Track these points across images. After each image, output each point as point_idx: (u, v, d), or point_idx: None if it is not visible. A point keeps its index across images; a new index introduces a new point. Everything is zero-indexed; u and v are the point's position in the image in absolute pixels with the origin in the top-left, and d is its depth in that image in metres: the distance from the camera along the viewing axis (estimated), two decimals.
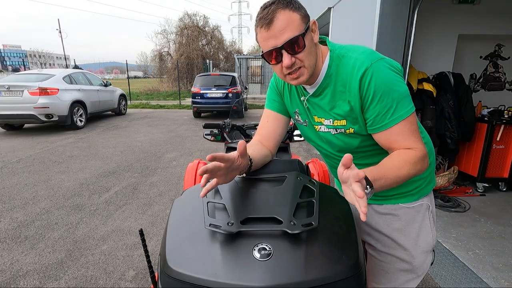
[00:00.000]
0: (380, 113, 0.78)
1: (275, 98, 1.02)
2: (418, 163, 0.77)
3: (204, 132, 1.83)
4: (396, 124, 0.78)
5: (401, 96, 0.77)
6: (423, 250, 0.96)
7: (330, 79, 0.84)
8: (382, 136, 0.82)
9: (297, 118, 1.00)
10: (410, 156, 0.77)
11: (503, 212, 2.76)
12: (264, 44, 0.77)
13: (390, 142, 0.81)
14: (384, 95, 0.77)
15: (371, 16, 2.53)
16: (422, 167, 0.79)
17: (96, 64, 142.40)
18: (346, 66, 0.80)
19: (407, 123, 0.78)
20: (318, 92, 0.87)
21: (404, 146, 0.80)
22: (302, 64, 0.78)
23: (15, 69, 72.98)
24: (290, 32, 0.73)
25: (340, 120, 0.86)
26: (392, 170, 0.75)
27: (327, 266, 0.54)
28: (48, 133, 6.75)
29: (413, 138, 0.80)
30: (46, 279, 1.96)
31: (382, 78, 0.76)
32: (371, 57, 0.78)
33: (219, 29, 26.15)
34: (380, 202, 0.98)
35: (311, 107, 0.92)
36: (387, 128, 0.79)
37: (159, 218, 2.79)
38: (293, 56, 0.76)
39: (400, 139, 0.79)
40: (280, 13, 0.72)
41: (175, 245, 0.61)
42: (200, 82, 9.24)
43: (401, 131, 0.79)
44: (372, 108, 0.79)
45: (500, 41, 3.64)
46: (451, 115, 3.04)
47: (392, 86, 0.77)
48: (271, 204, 0.66)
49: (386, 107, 0.77)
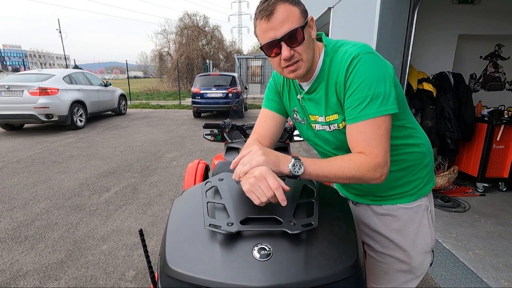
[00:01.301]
0: (352, 105, 0.76)
1: (273, 98, 1.02)
2: (365, 168, 0.73)
3: (204, 132, 1.84)
4: (361, 121, 0.75)
5: (377, 94, 0.74)
6: (421, 250, 0.96)
7: (324, 74, 0.84)
8: (349, 130, 0.79)
9: (295, 117, 1.00)
10: (360, 158, 0.74)
11: (503, 212, 2.76)
12: (264, 36, 0.76)
13: (351, 139, 0.79)
14: (361, 87, 0.74)
15: (371, 16, 2.52)
16: (372, 175, 0.74)
17: (96, 64, 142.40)
18: (338, 58, 0.80)
19: (373, 125, 0.74)
20: (313, 88, 0.87)
21: (361, 148, 0.75)
22: (300, 57, 0.78)
23: (15, 69, 73.03)
24: (290, 25, 0.73)
25: (332, 115, 0.85)
26: (331, 161, 0.75)
27: (327, 266, 0.54)
28: (48, 133, 6.75)
29: (374, 142, 0.74)
30: (46, 279, 1.96)
31: (364, 71, 0.74)
32: (362, 49, 0.77)
33: (219, 29, 26.19)
34: (378, 203, 0.98)
35: (306, 105, 0.92)
36: (353, 122, 0.77)
37: (159, 218, 2.79)
38: (292, 48, 0.76)
39: (360, 138, 0.76)
40: (280, 6, 0.73)
41: (175, 245, 0.61)
42: (200, 82, 9.25)
43: (364, 131, 0.75)
44: (347, 98, 0.78)
45: (500, 41, 3.64)
46: (451, 115, 3.04)
47: (371, 82, 0.74)
48: (271, 204, 0.66)
49: (358, 100, 0.75)
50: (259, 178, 0.65)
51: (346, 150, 0.84)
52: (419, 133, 0.95)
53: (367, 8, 2.70)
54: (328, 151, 0.97)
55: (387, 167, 0.75)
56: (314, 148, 1.04)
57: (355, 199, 1.05)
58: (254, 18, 0.78)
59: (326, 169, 0.73)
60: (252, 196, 0.65)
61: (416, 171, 0.94)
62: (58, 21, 28.38)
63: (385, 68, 0.77)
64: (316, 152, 1.06)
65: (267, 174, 0.65)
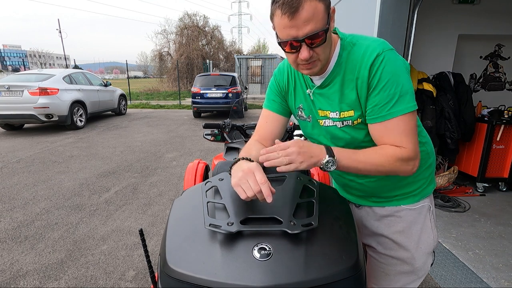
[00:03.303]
0: (379, 103, 0.76)
1: (275, 98, 0.99)
2: (399, 161, 0.75)
3: (204, 132, 1.83)
4: (392, 118, 0.75)
5: (405, 91, 0.75)
6: (424, 251, 0.95)
7: (340, 68, 0.81)
8: (376, 128, 0.79)
9: (300, 114, 0.97)
10: (392, 150, 0.75)
11: (503, 212, 2.76)
12: (283, 32, 0.71)
13: (381, 136, 0.78)
14: (388, 85, 0.74)
15: (371, 16, 2.52)
16: (405, 168, 0.76)
17: (96, 64, 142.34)
18: (357, 53, 0.78)
19: (404, 120, 0.75)
20: (327, 82, 0.84)
21: (393, 143, 0.76)
22: (318, 57, 0.76)
23: (15, 69, 73.01)
24: (314, 25, 0.69)
25: (348, 111, 0.83)
26: (364, 154, 0.75)
27: (327, 266, 0.54)
28: (48, 133, 6.75)
29: (406, 138, 0.76)
30: (46, 279, 1.96)
31: (390, 67, 0.74)
32: (384, 45, 0.76)
33: (219, 29, 26.16)
34: (381, 204, 0.97)
35: (316, 100, 0.89)
36: (383, 120, 0.76)
37: (159, 218, 2.79)
38: (312, 49, 0.73)
39: (392, 135, 0.76)
40: (306, 2, 0.67)
41: (175, 245, 0.61)
42: (200, 82, 9.25)
43: (396, 127, 0.76)
44: (374, 96, 0.76)
45: (500, 41, 3.64)
46: (451, 115, 3.04)
47: (399, 78, 0.74)
48: (271, 204, 0.66)
49: (387, 98, 0.75)
50: (247, 172, 0.66)
51: (355, 147, 0.83)
52: (423, 132, 0.94)
53: (367, 8, 2.70)
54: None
55: (418, 160, 0.78)
56: None
57: (357, 201, 1.03)
58: (274, 4, 0.71)
59: (359, 162, 0.73)
60: (238, 189, 0.66)
61: (420, 171, 0.93)
62: (58, 21, 28.40)
63: (404, 64, 0.77)
64: None
65: (256, 169, 0.66)
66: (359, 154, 0.76)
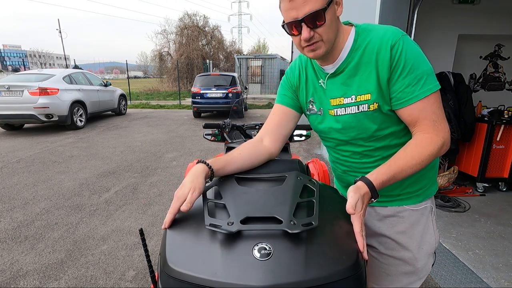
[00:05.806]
0: (410, 84, 0.77)
1: (286, 93, 0.99)
2: (435, 147, 0.77)
3: (204, 132, 1.83)
4: (425, 97, 0.77)
5: (430, 71, 0.78)
6: (426, 252, 0.95)
7: (356, 53, 0.82)
8: (407, 111, 0.80)
9: (311, 108, 0.96)
10: (424, 141, 0.78)
11: (503, 212, 2.76)
12: (286, 14, 0.76)
13: (414, 118, 0.80)
14: (414, 66, 0.77)
15: (371, 16, 2.53)
16: (439, 150, 0.79)
17: (96, 64, 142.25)
18: (376, 37, 0.80)
19: (434, 98, 0.78)
20: (341, 68, 0.85)
21: (425, 125, 0.79)
22: (320, 38, 0.77)
23: (15, 69, 72.95)
24: (312, 5, 0.72)
25: (365, 94, 0.83)
26: (397, 159, 0.76)
27: (327, 266, 0.54)
28: (48, 133, 6.75)
29: (436, 117, 0.78)
30: (46, 279, 1.96)
31: (412, 50, 0.77)
32: (399, 31, 0.80)
33: (219, 29, 26.19)
34: (384, 204, 0.96)
35: (328, 89, 0.89)
36: (415, 101, 0.78)
37: (159, 218, 2.79)
38: (312, 30, 0.75)
39: (424, 115, 0.78)
40: None
41: (175, 244, 0.61)
42: (200, 82, 9.25)
43: (427, 106, 0.78)
44: (402, 79, 0.78)
45: (500, 41, 3.64)
46: (451, 115, 3.04)
47: (422, 59, 0.78)
48: (271, 204, 0.66)
49: (416, 78, 0.77)
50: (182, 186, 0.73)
51: (363, 140, 0.86)
52: None
53: (367, 8, 2.70)
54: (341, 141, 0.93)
55: (449, 134, 0.81)
56: (325, 143, 1.01)
57: None
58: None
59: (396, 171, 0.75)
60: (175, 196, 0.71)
61: (424, 171, 0.92)
62: (58, 21, 28.40)
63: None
64: (319, 152, 1.04)
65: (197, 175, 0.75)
66: (392, 165, 0.76)
